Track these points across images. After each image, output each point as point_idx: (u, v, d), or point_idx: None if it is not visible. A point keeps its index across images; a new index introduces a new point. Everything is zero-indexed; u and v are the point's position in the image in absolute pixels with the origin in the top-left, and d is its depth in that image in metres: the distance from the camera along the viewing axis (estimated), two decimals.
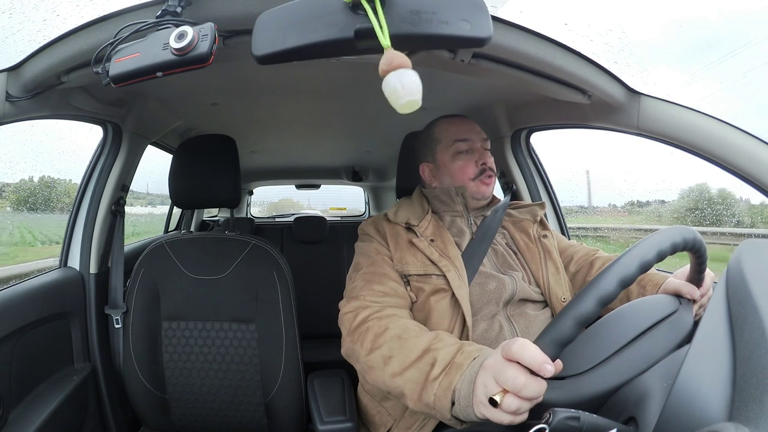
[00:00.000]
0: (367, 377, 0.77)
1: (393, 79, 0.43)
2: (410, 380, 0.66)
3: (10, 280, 1.04)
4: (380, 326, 0.76)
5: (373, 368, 0.74)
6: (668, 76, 4.09)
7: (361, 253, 0.96)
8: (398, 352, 0.70)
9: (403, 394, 0.67)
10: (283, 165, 2.67)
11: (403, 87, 0.43)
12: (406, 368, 0.67)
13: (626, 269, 0.52)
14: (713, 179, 2.04)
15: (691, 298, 0.69)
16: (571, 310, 0.51)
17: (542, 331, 0.53)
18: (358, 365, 0.79)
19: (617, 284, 0.51)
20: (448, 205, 0.99)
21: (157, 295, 1.15)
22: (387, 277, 0.88)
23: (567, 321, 0.50)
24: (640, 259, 0.52)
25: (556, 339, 0.50)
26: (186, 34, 0.52)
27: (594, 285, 0.51)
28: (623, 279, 0.51)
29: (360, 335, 0.78)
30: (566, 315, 0.51)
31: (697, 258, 0.64)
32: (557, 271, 0.94)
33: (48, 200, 2.43)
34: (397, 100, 0.43)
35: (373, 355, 0.73)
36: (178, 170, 1.18)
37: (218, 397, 1.15)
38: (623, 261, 0.52)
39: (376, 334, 0.75)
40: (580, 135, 1.40)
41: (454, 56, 0.76)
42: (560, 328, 0.51)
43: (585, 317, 0.50)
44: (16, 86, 0.79)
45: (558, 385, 0.57)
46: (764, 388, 0.35)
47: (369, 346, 0.75)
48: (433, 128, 1.04)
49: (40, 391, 1.01)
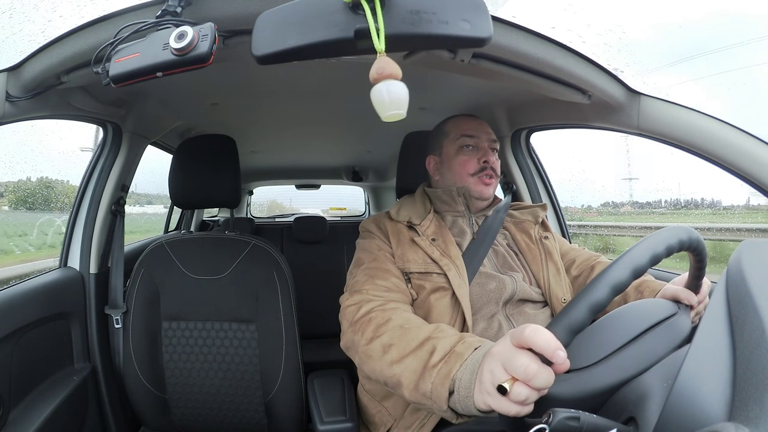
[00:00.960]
0: (365, 367, 0.76)
1: (382, 88, 0.45)
2: (408, 368, 0.65)
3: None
4: (383, 317, 0.76)
5: (371, 357, 0.73)
6: (668, 75, 4.12)
7: (363, 249, 0.96)
8: (399, 341, 0.70)
9: (400, 383, 0.66)
10: (283, 165, 2.67)
11: (390, 99, 0.44)
12: (405, 356, 0.67)
13: (638, 259, 0.52)
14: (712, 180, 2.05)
15: (689, 304, 0.69)
16: (584, 297, 0.50)
17: (554, 318, 0.52)
18: (357, 356, 0.78)
19: (630, 273, 0.51)
20: (450, 205, 1.00)
21: (157, 295, 1.15)
22: (389, 273, 0.88)
23: (581, 307, 0.50)
24: (652, 251, 0.53)
25: (568, 325, 0.50)
26: (186, 34, 0.52)
27: (607, 273, 0.51)
28: (636, 269, 0.51)
29: (362, 325, 0.77)
30: (580, 302, 0.50)
31: (696, 260, 0.64)
32: (558, 272, 0.94)
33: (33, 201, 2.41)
34: (382, 111, 0.45)
35: (373, 344, 0.73)
36: (178, 170, 1.18)
37: (218, 397, 1.15)
38: (635, 251, 0.53)
39: (378, 324, 0.75)
40: (561, 136, 1.41)
41: (454, 56, 0.76)
42: (574, 314, 0.50)
43: (598, 304, 0.50)
44: (16, 86, 0.79)
45: (562, 378, 0.57)
46: (764, 388, 0.35)
47: (370, 336, 0.74)
48: (445, 123, 1.06)
49: (40, 391, 1.01)
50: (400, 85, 0.45)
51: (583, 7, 0.89)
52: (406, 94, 0.44)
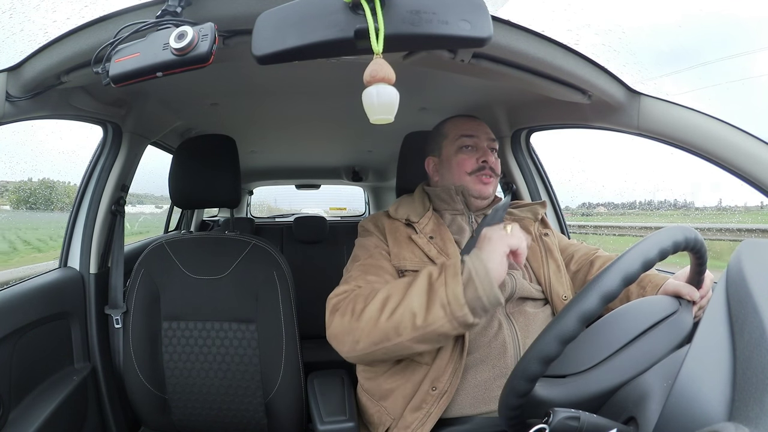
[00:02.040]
0: (360, 341, 0.75)
1: (372, 92, 0.46)
2: (414, 299, 0.69)
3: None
4: (367, 290, 0.79)
5: (367, 323, 0.73)
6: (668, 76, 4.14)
7: (360, 246, 0.97)
8: (394, 290, 0.74)
9: (405, 323, 0.69)
10: (283, 165, 2.67)
11: (379, 103, 0.45)
12: (406, 294, 0.71)
13: (648, 252, 0.52)
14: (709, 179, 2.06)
15: (691, 299, 0.69)
16: (596, 286, 0.50)
17: (564, 307, 0.52)
18: (349, 336, 0.76)
19: (641, 265, 0.51)
20: (449, 204, 1.00)
21: (157, 295, 1.15)
22: (382, 270, 0.88)
23: (592, 296, 0.50)
24: (659, 246, 0.53)
25: (580, 313, 0.50)
26: (186, 34, 0.52)
27: (618, 262, 0.51)
28: (646, 261, 0.52)
29: (348, 304, 0.78)
30: (591, 290, 0.50)
31: (697, 258, 0.64)
32: (558, 269, 0.94)
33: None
34: (371, 114, 0.47)
35: (366, 312, 0.74)
36: (178, 170, 1.18)
37: (218, 398, 1.15)
38: (644, 244, 0.53)
39: (365, 296, 0.77)
40: (546, 137, 1.42)
41: (454, 56, 0.76)
42: (585, 302, 0.50)
43: (609, 293, 0.50)
44: (16, 86, 0.79)
45: (560, 383, 0.57)
46: (764, 388, 0.35)
47: (361, 307, 0.75)
48: (444, 124, 1.06)
49: (40, 391, 1.01)
50: (390, 90, 0.45)
51: (583, 7, 0.89)
52: (395, 99, 0.45)
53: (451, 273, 0.69)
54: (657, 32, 2.82)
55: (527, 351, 0.52)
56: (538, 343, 0.51)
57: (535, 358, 0.50)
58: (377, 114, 0.46)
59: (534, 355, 0.51)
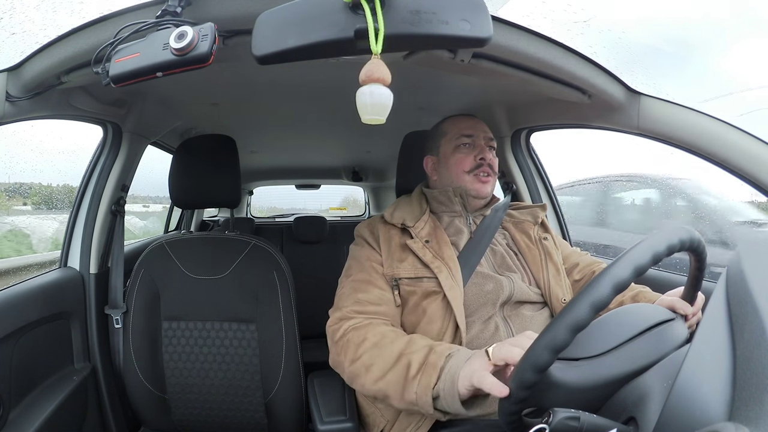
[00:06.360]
0: (354, 385, 0.83)
1: (366, 92, 0.46)
2: (391, 382, 0.73)
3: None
4: (359, 336, 0.81)
5: (358, 376, 0.79)
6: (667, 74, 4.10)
7: (353, 257, 0.99)
8: (377, 360, 0.76)
9: (388, 395, 0.74)
10: (283, 165, 2.67)
11: (372, 104, 0.46)
12: (386, 372, 0.74)
13: (640, 258, 0.51)
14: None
15: (684, 313, 0.69)
16: (586, 295, 0.49)
17: (554, 317, 0.52)
18: (344, 375, 0.84)
19: (632, 272, 0.50)
20: (447, 206, 0.99)
21: (157, 295, 1.15)
22: (372, 285, 0.90)
23: (582, 305, 0.49)
24: (653, 250, 0.52)
25: (571, 322, 0.49)
26: (186, 34, 0.52)
27: (609, 270, 0.51)
28: (637, 267, 0.51)
29: (342, 347, 0.83)
30: (581, 300, 0.50)
31: (697, 258, 0.64)
32: (558, 273, 0.94)
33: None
34: (363, 114, 0.47)
35: (356, 365, 0.79)
36: (178, 170, 1.18)
37: (218, 397, 1.15)
38: (636, 251, 0.52)
39: (356, 345, 0.80)
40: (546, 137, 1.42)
41: (454, 56, 0.76)
42: (575, 312, 0.49)
43: (600, 302, 0.49)
44: (16, 86, 0.79)
45: (573, 365, 0.56)
46: (764, 388, 0.35)
47: (351, 357, 0.80)
48: (442, 123, 1.06)
49: (40, 391, 1.01)
50: (384, 91, 0.46)
51: (583, 6, 0.89)
52: (388, 101, 0.46)
53: (427, 375, 0.69)
54: (657, 31, 2.82)
55: (536, 340, 0.51)
56: (549, 332, 0.50)
57: (545, 347, 0.49)
58: (369, 114, 0.46)
59: (544, 343, 0.50)
